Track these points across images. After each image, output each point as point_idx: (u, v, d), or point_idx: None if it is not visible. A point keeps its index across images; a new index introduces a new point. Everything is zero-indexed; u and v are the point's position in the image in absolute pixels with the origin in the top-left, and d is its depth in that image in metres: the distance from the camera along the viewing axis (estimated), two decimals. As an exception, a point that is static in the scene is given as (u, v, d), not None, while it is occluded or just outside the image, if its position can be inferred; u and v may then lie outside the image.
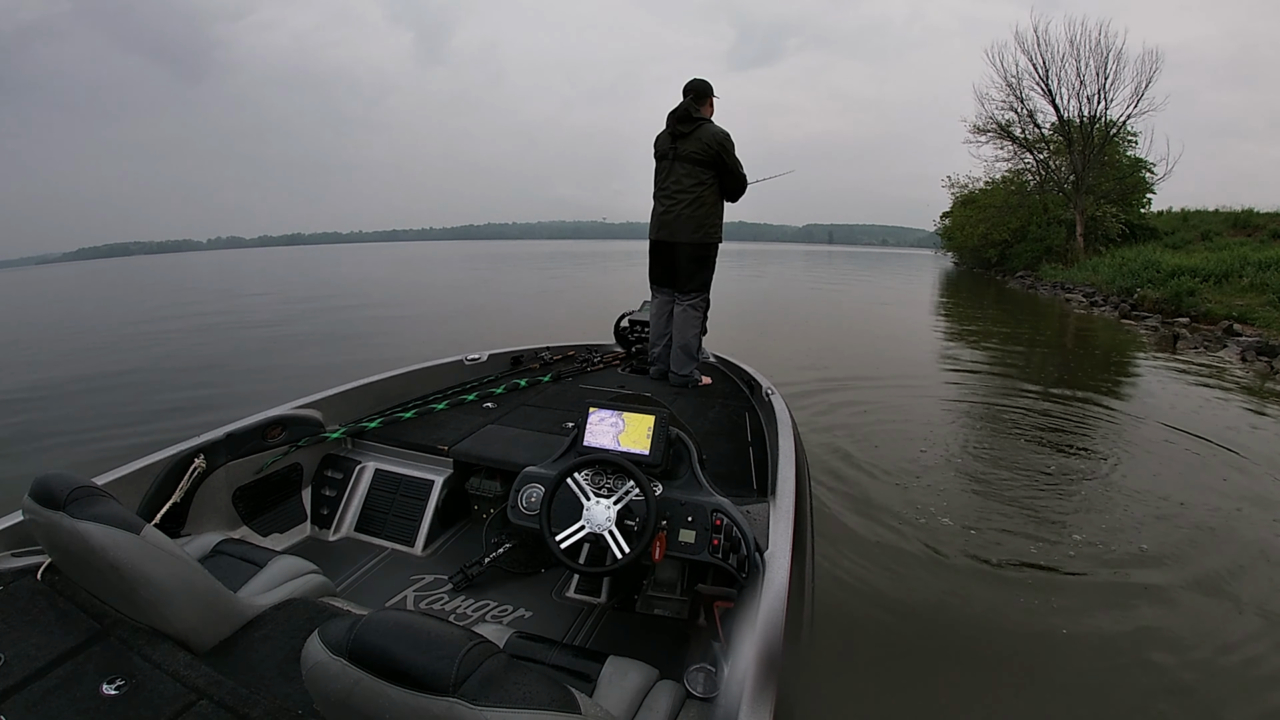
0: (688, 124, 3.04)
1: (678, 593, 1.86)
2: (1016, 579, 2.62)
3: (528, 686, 0.69)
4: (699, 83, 3.07)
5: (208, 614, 1.17)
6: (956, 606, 2.43)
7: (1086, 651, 2.16)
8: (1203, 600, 2.46)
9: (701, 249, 3.15)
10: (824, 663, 1.98)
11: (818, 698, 1.85)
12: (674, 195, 3.10)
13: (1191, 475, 3.76)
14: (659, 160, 3.18)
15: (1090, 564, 2.71)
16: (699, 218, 3.09)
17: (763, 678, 0.96)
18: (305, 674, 0.76)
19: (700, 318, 3.22)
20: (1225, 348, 8.14)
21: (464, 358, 3.21)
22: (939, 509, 3.24)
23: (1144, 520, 3.14)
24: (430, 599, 1.89)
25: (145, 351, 7.96)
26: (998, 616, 2.38)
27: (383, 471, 2.28)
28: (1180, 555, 2.79)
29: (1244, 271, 11.70)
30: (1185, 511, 3.23)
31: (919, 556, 2.79)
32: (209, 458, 1.90)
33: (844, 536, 2.92)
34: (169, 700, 1.01)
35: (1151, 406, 5.37)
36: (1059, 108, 21.26)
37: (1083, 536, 2.94)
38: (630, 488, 1.53)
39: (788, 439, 1.97)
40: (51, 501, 1.10)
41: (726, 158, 3.02)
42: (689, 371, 3.17)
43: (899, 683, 2.05)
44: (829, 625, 2.18)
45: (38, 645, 1.06)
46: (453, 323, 10.79)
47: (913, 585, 2.57)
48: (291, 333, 9.57)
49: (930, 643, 2.23)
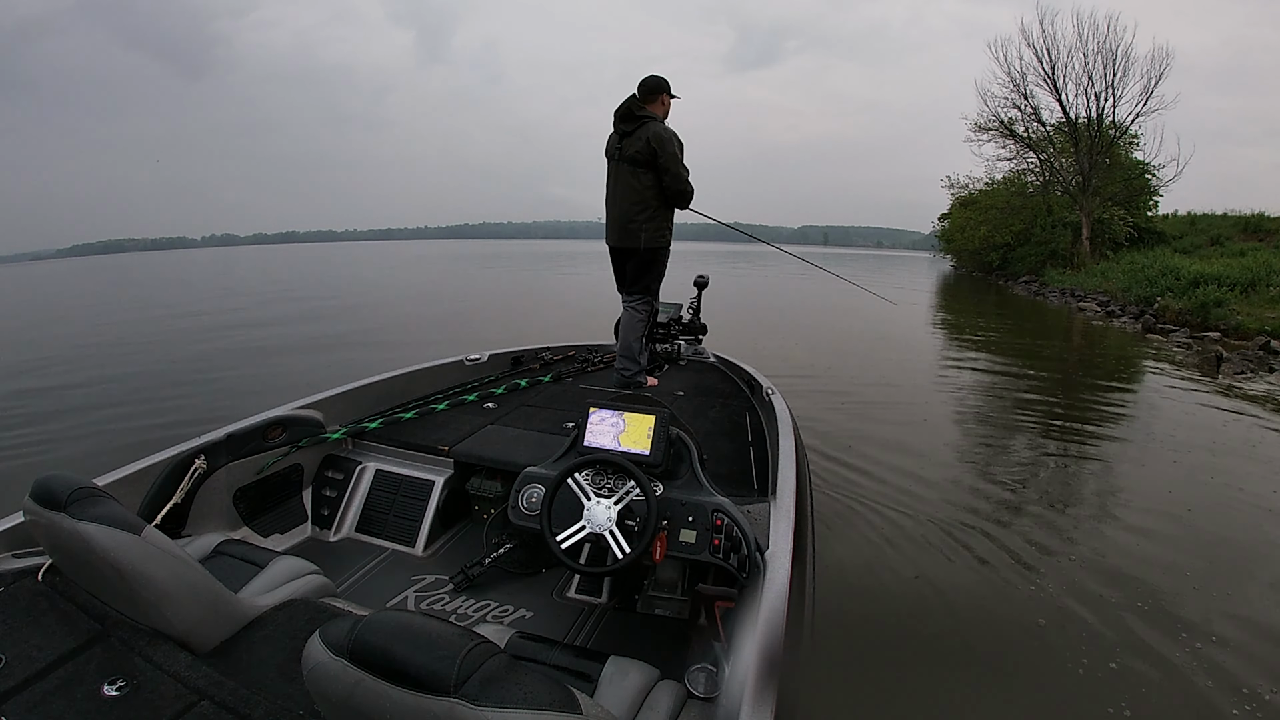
0: (630, 122, 2.91)
1: (678, 593, 1.86)
2: (1017, 579, 2.62)
3: (529, 687, 0.69)
4: (650, 79, 2.95)
5: (208, 615, 1.17)
6: (958, 607, 2.43)
7: (1083, 650, 2.16)
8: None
9: (648, 253, 3.05)
10: (825, 662, 1.98)
11: (819, 697, 1.85)
12: (620, 198, 2.99)
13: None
14: (608, 161, 3.06)
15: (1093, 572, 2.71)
16: (643, 221, 2.97)
17: (763, 677, 0.96)
18: (306, 675, 0.76)
19: (643, 320, 3.12)
20: (1275, 371, 6.90)
21: (464, 358, 3.21)
22: (940, 510, 3.24)
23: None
24: (431, 599, 1.89)
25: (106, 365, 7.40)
26: (998, 615, 2.38)
27: (383, 472, 2.28)
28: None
29: (1271, 280, 10.90)
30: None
31: (920, 556, 2.79)
32: (209, 458, 1.90)
33: (844, 537, 2.92)
34: (170, 701, 1.01)
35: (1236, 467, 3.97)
36: (1065, 105, 20.72)
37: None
38: (631, 488, 1.53)
39: (788, 439, 1.97)
40: (52, 502, 1.10)
41: (663, 157, 2.84)
42: (631, 374, 3.07)
43: (899, 682, 2.05)
44: (830, 625, 2.18)
45: (39, 646, 1.06)
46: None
47: (913, 585, 2.57)
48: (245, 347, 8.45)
49: (931, 643, 2.23)
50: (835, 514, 3.12)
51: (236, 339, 8.92)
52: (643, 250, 3.04)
